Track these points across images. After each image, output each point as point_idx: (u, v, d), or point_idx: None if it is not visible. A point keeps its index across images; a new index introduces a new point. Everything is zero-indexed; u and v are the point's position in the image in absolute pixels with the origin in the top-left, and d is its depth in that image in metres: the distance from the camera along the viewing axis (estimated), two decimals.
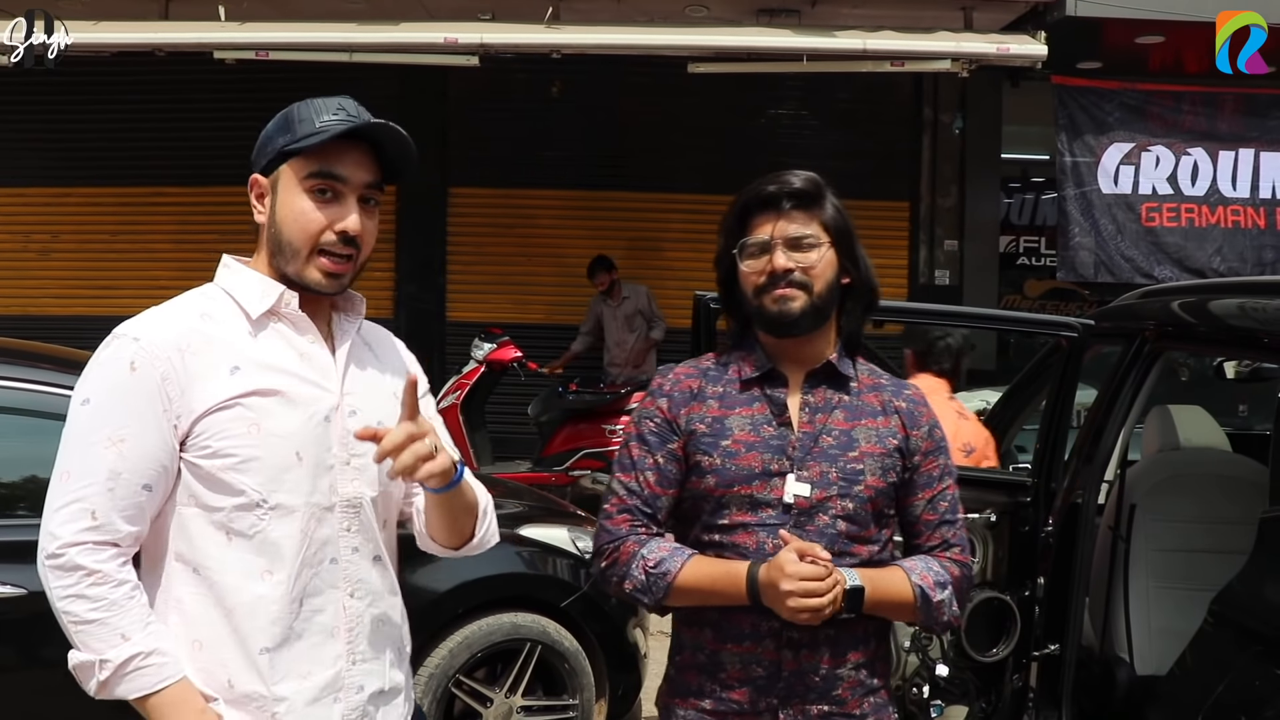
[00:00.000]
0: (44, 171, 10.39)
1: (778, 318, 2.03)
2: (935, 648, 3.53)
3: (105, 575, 1.70)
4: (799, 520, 2.00)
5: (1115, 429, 3.70)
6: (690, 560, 2.01)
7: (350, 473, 1.85)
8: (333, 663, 1.82)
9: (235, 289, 1.86)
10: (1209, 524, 3.72)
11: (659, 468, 2.07)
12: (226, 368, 1.77)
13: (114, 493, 1.72)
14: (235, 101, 9.64)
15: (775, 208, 2.06)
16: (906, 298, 10.20)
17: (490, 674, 4.16)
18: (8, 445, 3.56)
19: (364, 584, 1.86)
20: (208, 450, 1.75)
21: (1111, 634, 3.80)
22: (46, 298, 10.54)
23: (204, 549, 1.77)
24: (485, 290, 10.23)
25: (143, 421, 1.73)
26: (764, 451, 2.02)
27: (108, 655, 1.70)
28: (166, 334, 1.77)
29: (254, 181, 1.88)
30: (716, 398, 2.09)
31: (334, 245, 1.81)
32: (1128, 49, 9.00)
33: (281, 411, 1.78)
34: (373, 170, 1.85)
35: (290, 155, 1.82)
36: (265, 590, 1.76)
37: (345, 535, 1.84)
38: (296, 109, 1.85)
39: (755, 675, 2.00)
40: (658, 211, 10.18)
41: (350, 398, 1.87)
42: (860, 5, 8.45)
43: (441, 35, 8.03)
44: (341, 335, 1.92)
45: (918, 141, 10.46)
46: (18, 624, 3.23)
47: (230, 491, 1.75)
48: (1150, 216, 9.36)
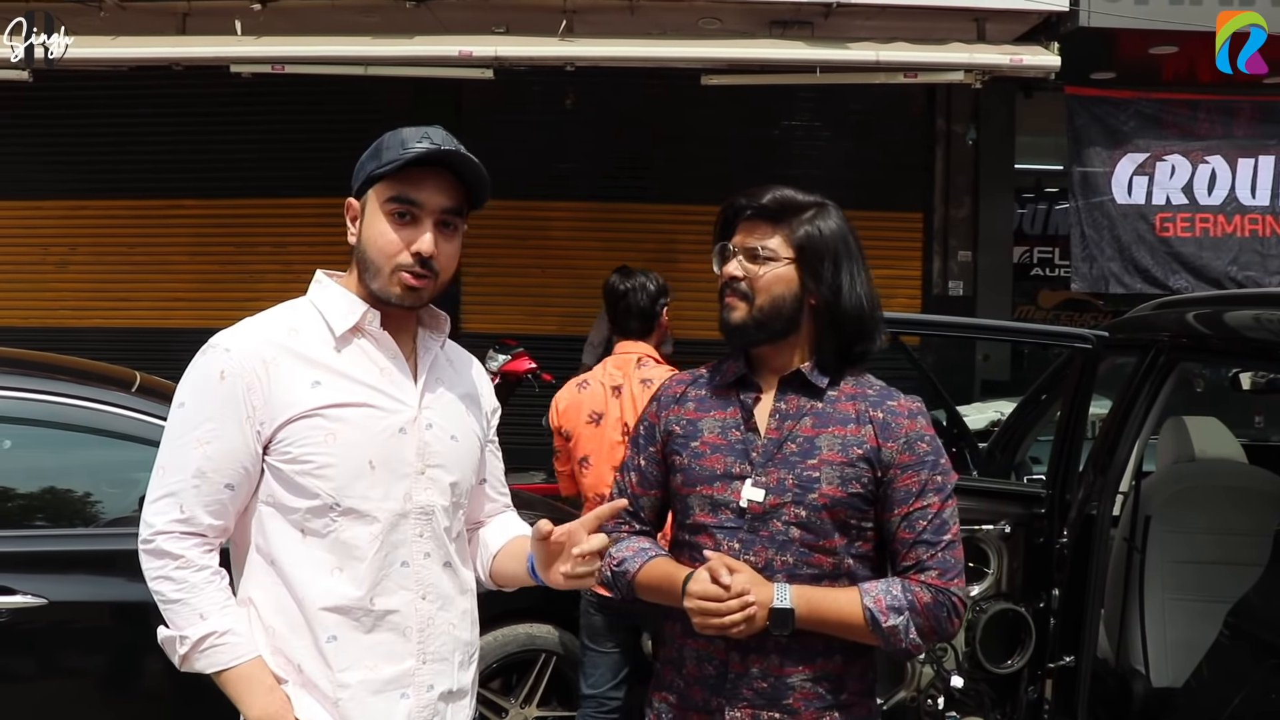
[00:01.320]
0: (61, 185, 10.46)
1: (722, 324, 2.12)
2: (950, 659, 3.53)
3: (188, 561, 1.87)
4: (752, 525, 2.02)
5: (1130, 440, 3.69)
6: (649, 562, 2.11)
7: (425, 482, 1.97)
8: (402, 659, 1.93)
9: (323, 305, 1.99)
10: (1224, 536, 3.71)
11: (641, 469, 2.21)
12: (308, 381, 1.90)
13: (199, 489, 1.88)
14: (251, 115, 9.72)
15: (745, 218, 2.13)
16: (920, 309, 10.20)
17: (505, 684, 4.17)
18: (27, 456, 3.59)
19: (435, 588, 1.98)
20: (288, 455, 1.88)
21: (1127, 646, 3.79)
22: (64, 310, 10.60)
23: (280, 544, 1.91)
24: (499, 302, 10.26)
25: (227, 427, 1.88)
26: (727, 454, 2.07)
27: (186, 632, 1.87)
28: (254, 347, 1.91)
29: (348, 205, 2.00)
30: (695, 400, 2.17)
31: (410, 266, 1.92)
32: (1141, 59, 8.98)
33: (357, 422, 1.91)
34: (452, 195, 1.96)
35: (375, 180, 1.93)
36: (333, 585, 1.89)
37: (418, 541, 1.96)
38: (387, 137, 1.96)
39: (707, 673, 2.06)
40: (672, 223, 10.18)
41: (428, 411, 2.00)
42: (873, 17, 8.45)
43: (456, 48, 8.07)
44: (424, 351, 2.05)
45: (931, 152, 10.45)
46: (39, 633, 3.26)
47: (306, 494, 1.89)
48: (1164, 227, 9.30)
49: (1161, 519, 3.79)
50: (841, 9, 8.22)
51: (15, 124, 10.31)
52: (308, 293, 2.03)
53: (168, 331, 9.92)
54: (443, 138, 1.94)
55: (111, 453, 3.55)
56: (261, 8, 8.19)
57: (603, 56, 8.30)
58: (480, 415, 2.14)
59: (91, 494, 3.60)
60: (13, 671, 3.31)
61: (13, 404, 3.48)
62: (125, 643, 3.36)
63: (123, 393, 3.61)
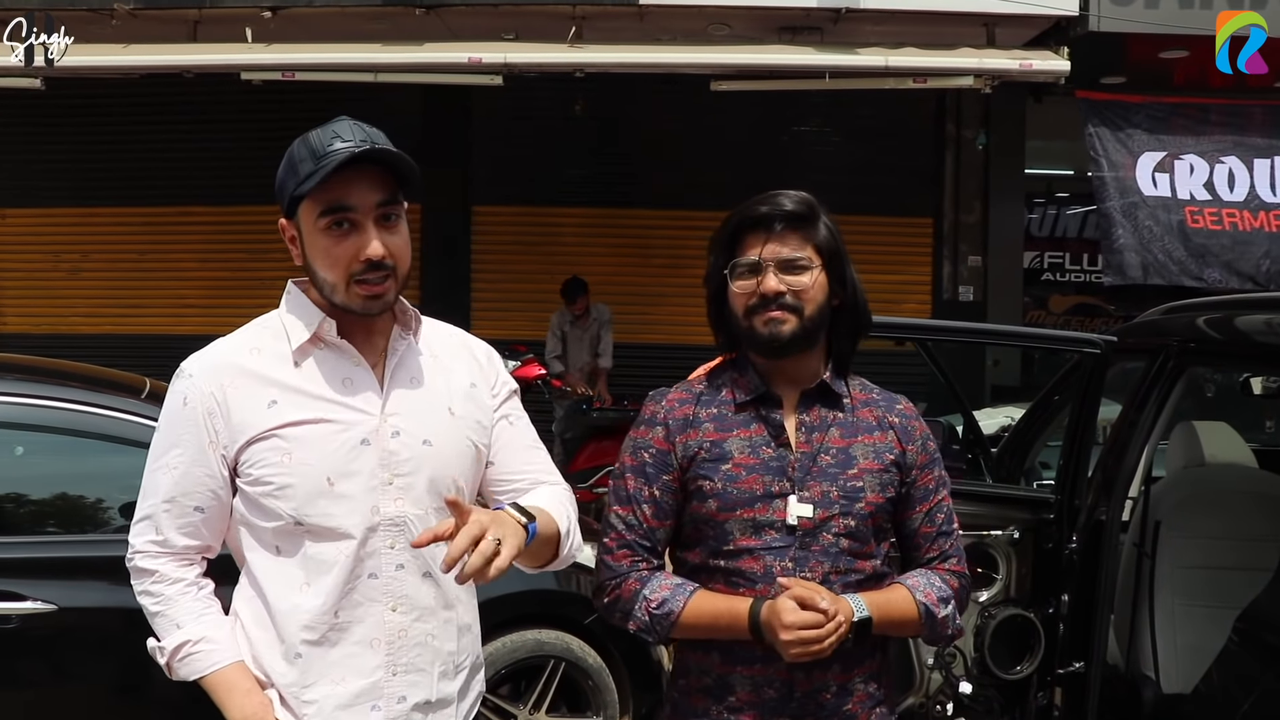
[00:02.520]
0: (73, 192, 10.52)
1: (769, 340, 2.02)
2: (959, 665, 3.52)
3: (163, 575, 1.92)
4: (803, 541, 1.99)
5: (1139, 445, 3.68)
6: (693, 598, 2.00)
7: (394, 492, 1.90)
8: (370, 672, 1.89)
9: (287, 318, 1.95)
10: (1235, 541, 3.69)
11: (655, 500, 2.06)
12: (265, 401, 1.87)
13: (170, 513, 1.91)
14: (262, 121, 9.75)
15: (767, 228, 2.04)
16: (931, 314, 10.18)
17: (514, 690, 4.17)
18: (37, 463, 3.61)
19: (408, 599, 1.91)
20: (250, 477, 1.87)
21: (1137, 652, 3.78)
22: (76, 316, 10.66)
23: (255, 560, 1.92)
24: (509, 307, 10.27)
25: (191, 453, 1.89)
26: (764, 473, 2.01)
27: (164, 642, 1.92)
28: (213, 371, 1.90)
29: (282, 228, 1.93)
30: (712, 420, 2.07)
31: (364, 274, 1.85)
32: (1152, 63, 8.97)
33: (313, 440, 1.86)
34: (383, 187, 1.86)
35: (300, 198, 1.84)
36: (301, 600, 1.87)
37: (389, 552, 1.90)
38: (296, 148, 1.87)
39: (767, 697, 1.99)
40: (681, 228, 10.18)
41: (394, 418, 1.91)
42: (883, 22, 8.45)
43: (465, 55, 8.10)
44: (392, 353, 1.96)
45: (941, 157, 10.44)
46: (48, 639, 3.27)
47: (270, 515, 1.87)
48: (1194, 219, 9.16)
49: (1171, 524, 3.77)
50: (851, 14, 8.22)
51: (28, 132, 10.39)
52: (280, 303, 1.98)
53: (178, 338, 9.94)
54: (350, 131, 1.84)
55: (121, 459, 3.55)
56: (272, 15, 8.24)
57: (612, 63, 8.32)
58: (474, 403, 2.01)
59: (101, 500, 3.61)
60: (22, 677, 3.32)
61: (24, 410, 3.50)
62: (134, 649, 3.31)
63: (132, 399, 3.63)
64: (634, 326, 10.01)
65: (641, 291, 10.09)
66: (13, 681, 3.31)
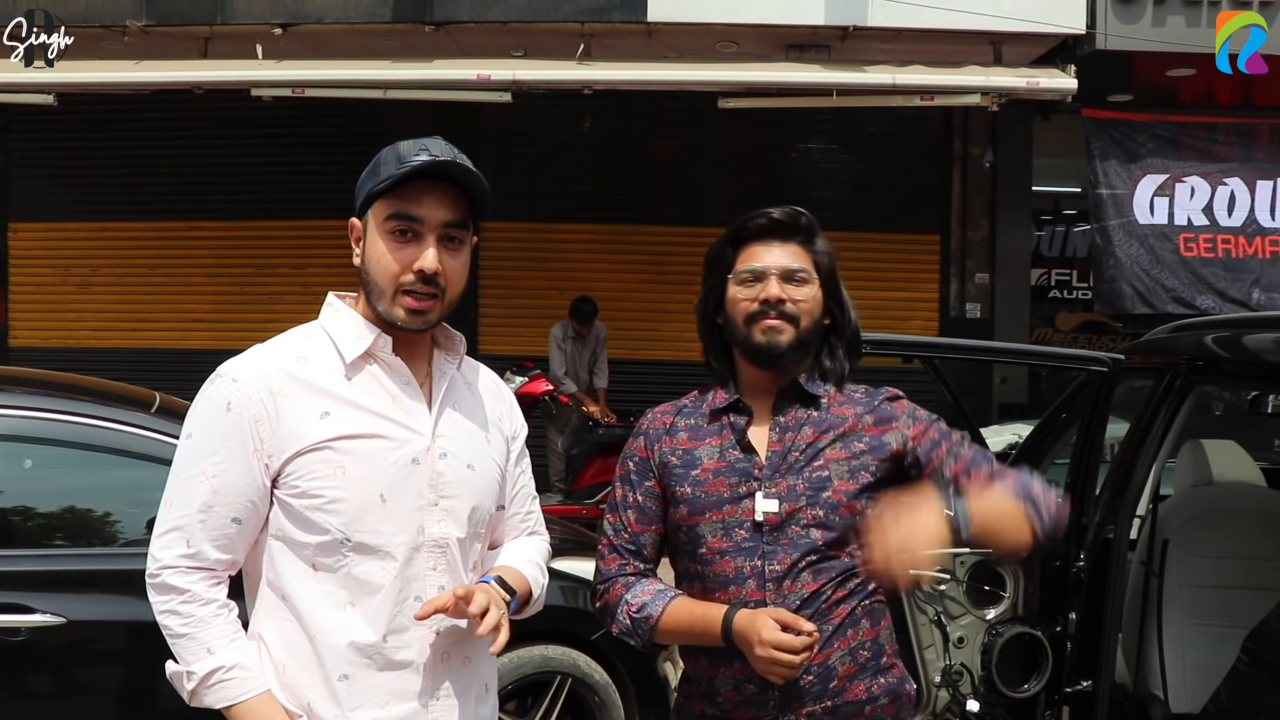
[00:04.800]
0: (84, 206, 10.57)
1: (765, 349, 2.06)
2: (966, 683, 3.51)
3: (194, 595, 1.81)
4: (771, 536, 2.02)
5: (1147, 463, 3.67)
6: (672, 604, 2.07)
7: (438, 514, 1.90)
8: (414, 696, 1.87)
9: (334, 330, 1.92)
10: (1243, 560, 3.69)
11: (639, 505, 2.15)
12: (317, 412, 1.84)
13: (206, 524, 1.82)
14: (272, 138, 9.81)
15: (770, 238, 2.10)
16: (938, 332, 10.18)
17: (521, 706, 4.15)
18: (46, 476, 3.62)
19: (450, 622, 1.88)
20: (297, 490, 1.82)
21: (1145, 670, 3.76)
22: (85, 330, 10.69)
23: (291, 579, 1.85)
24: (517, 324, 10.28)
25: (234, 460, 1.82)
26: (730, 475, 2.07)
27: (194, 667, 1.81)
28: (262, 377, 1.84)
29: (351, 225, 1.93)
30: (687, 430, 2.15)
31: (414, 285, 1.85)
32: (1159, 82, 8.98)
33: (368, 455, 1.84)
34: (454, 209, 1.87)
35: (375, 198, 1.86)
36: (346, 621, 1.83)
37: (431, 574, 1.89)
38: (385, 152, 1.89)
39: (748, 693, 2.03)
40: (688, 245, 10.17)
41: (442, 440, 1.92)
42: (889, 40, 8.49)
43: (474, 72, 8.15)
44: (439, 375, 1.97)
45: (948, 175, 10.45)
46: (57, 652, 3.28)
47: (316, 530, 1.83)
48: (1188, 247, 9.24)
49: (1179, 543, 3.76)
50: (858, 32, 8.26)
51: (39, 147, 10.46)
52: (319, 317, 1.96)
53: (188, 352, 9.99)
54: (441, 148, 1.86)
55: (131, 473, 3.56)
56: (282, 32, 8.30)
57: (620, 80, 8.36)
58: (501, 439, 2.06)
59: (110, 514, 3.61)
60: (31, 690, 3.32)
61: (33, 424, 3.51)
62: (143, 662, 3.35)
63: (142, 413, 3.64)
64: (641, 343, 10.04)
65: (650, 308, 10.09)
66: (21, 693, 3.31)
